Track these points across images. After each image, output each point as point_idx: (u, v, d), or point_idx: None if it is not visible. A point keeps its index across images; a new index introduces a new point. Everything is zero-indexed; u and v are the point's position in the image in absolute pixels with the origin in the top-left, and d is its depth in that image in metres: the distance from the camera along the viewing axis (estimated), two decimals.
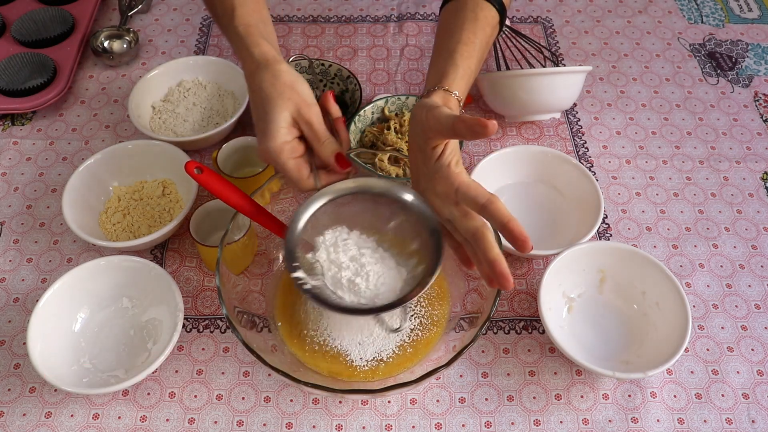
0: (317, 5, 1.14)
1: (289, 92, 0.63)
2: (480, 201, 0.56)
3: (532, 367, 0.73)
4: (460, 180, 0.58)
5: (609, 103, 1.00)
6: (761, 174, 0.92)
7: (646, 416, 0.70)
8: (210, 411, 0.70)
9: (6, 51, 0.99)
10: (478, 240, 0.57)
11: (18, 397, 0.71)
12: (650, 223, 0.86)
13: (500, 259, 0.56)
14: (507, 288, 0.56)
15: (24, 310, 0.77)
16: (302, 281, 0.61)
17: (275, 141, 0.62)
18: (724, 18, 1.13)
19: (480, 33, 0.69)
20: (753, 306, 0.79)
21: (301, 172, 0.64)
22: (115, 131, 0.95)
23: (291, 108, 0.63)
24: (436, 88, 0.64)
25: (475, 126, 0.54)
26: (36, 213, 0.86)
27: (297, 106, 0.63)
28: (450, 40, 0.68)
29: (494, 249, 0.56)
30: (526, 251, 0.54)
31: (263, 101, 0.64)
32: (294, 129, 0.64)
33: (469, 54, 0.67)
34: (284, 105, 0.63)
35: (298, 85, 0.64)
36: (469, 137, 0.55)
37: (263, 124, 0.63)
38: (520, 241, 0.54)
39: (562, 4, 1.15)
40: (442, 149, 0.59)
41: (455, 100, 0.64)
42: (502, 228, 0.54)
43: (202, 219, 0.77)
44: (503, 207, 0.55)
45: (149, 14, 1.12)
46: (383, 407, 0.70)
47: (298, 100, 0.63)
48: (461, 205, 0.58)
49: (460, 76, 0.65)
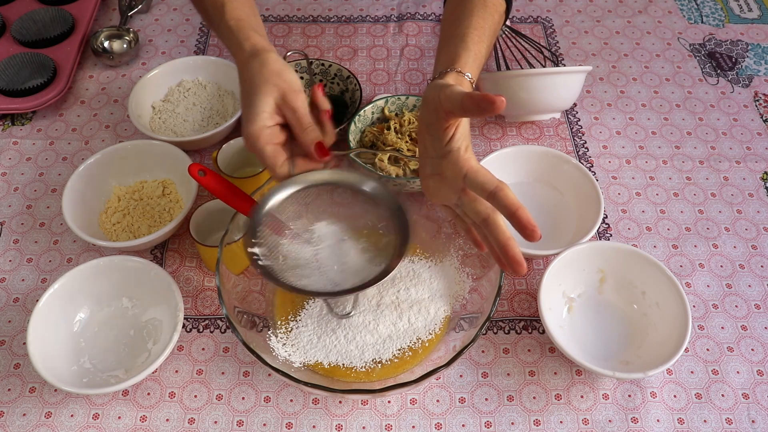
0: (317, 5, 1.14)
1: (276, 79, 0.62)
2: (488, 188, 0.55)
3: (532, 367, 0.73)
4: (469, 165, 0.58)
5: (609, 103, 1.00)
6: (761, 174, 0.92)
7: (646, 416, 0.70)
8: (210, 411, 0.70)
9: (6, 51, 0.99)
10: (489, 225, 0.57)
11: (18, 397, 0.71)
12: (650, 223, 0.86)
13: (512, 243, 0.55)
14: (520, 273, 0.56)
15: (24, 310, 0.77)
16: (257, 257, 0.60)
17: (255, 125, 0.61)
18: (724, 18, 1.13)
19: (489, 19, 0.69)
20: (753, 306, 0.79)
21: (276, 158, 0.63)
22: (115, 131, 0.95)
23: (275, 94, 0.62)
24: (449, 70, 0.63)
25: (482, 101, 0.53)
26: (36, 213, 0.86)
27: (282, 92, 0.62)
28: (460, 25, 0.68)
29: (505, 233, 0.56)
30: (534, 240, 0.54)
31: (250, 89, 0.63)
32: (277, 116, 0.63)
33: (480, 38, 0.67)
34: (269, 91, 0.62)
35: (285, 73, 0.63)
36: (477, 114, 0.54)
37: (246, 110, 0.63)
38: (528, 229, 0.53)
39: (562, 4, 1.15)
40: (453, 132, 0.59)
41: (468, 81, 0.63)
42: (511, 216, 0.54)
43: (202, 219, 0.77)
44: (512, 195, 0.54)
45: (149, 14, 1.12)
46: (383, 407, 0.70)
47: (284, 86, 0.62)
48: (469, 191, 0.58)
49: (472, 59, 0.65)
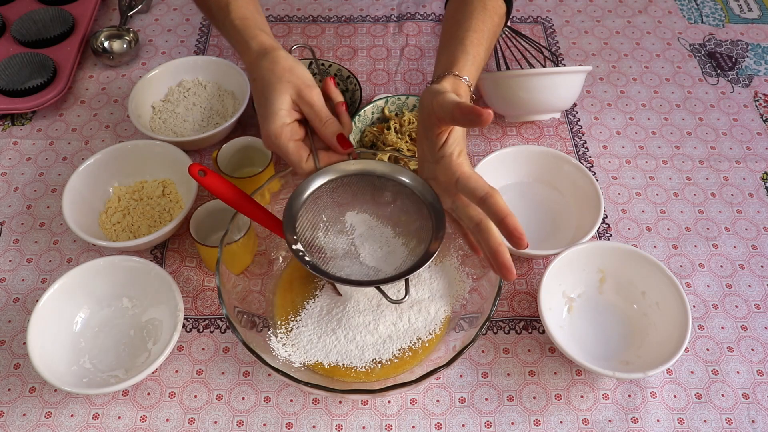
0: (317, 5, 1.14)
1: (289, 75, 0.63)
2: (478, 194, 0.56)
3: (532, 367, 0.73)
4: (461, 171, 0.58)
5: (609, 103, 1.00)
6: (761, 174, 0.92)
7: (646, 416, 0.70)
8: (210, 411, 0.70)
9: (6, 51, 0.99)
10: (481, 230, 0.57)
11: (18, 397, 0.71)
12: (650, 223, 0.86)
13: (502, 249, 0.56)
14: (509, 279, 0.56)
15: (24, 310, 0.77)
16: (302, 253, 0.61)
17: (275, 123, 0.62)
18: (724, 18, 1.13)
19: (488, 21, 0.69)
20: (753, 306, 0.79)
21: (300, 154, 0.64)
22: (115, 131, 0.95)
23: (290, 91, 0.63)
24: (446, 74, 0.64)
25: (470, 114, 0.54)
26: (36, 213, 0.86)
27: (297, 88, 0.63)
28: (459, 28, 0.68)
29: (496, 238, 0.56)
30: (521, 248, 0.54)
31: (264, 88, 0.64)
32: (294, 112, 0.64)
33: (479, 41, 0.67)
34: (283, 88, 0.63)
35: (297, 69, 0.64)
36: (466, 125, 0.55)
37: (263, 109, 0.64)
38: (515, 237, 0.54)
39: (562, 4, 1.15)
40: (446, 138, 0.59)
41: (465, 85, 0.64)
42: (499, 223, 0.54)
43: (202, 219, 0.77)
44: (501, 201, 0.55)
45: (149, 14, 1.12)
46: (383, 407, 0.70)
47: (297, 82, 0.63)
48: (461, 196, 0.59)
49: (470, 62, 0.65)
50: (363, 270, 0.63)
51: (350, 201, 0.66)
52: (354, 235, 0.66)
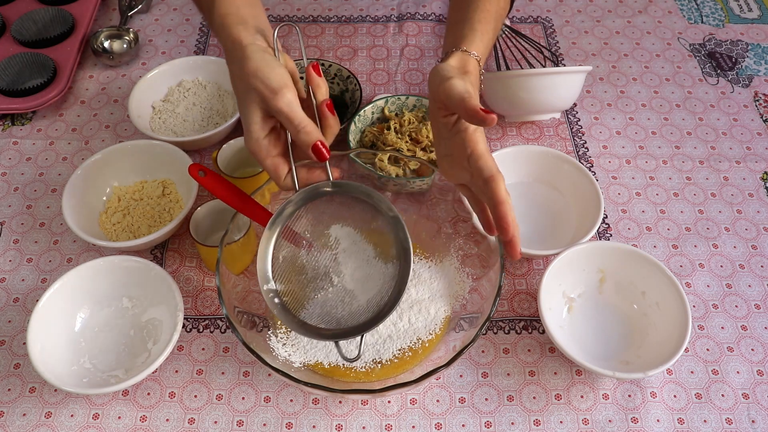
0: (317, 5, 1.14)
1: (253, 81, 0.57)
2: (484, 175, 0.56)
3: (532, 367, 0.73)
4: (473, 148, 0.58)
5: (609, 103, 1.00)
6: (761, 174, 0.92)
7: (646, 416, 0.70)
8: (210, 411, 0.70)
9: (6, 51, 0.99)
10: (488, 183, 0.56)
11: (18, 397, 0.71)
12: (650, 223, 0.86)
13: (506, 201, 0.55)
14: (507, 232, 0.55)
15: (24, 310, 0.77)
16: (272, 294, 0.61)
17: (249, 140, 0.59)
18: (724, 18, 1.13)
19: (494, 3, 0.69)
20: (753, 306, 0.79)
21: (277, 172, 0.60)
22: (115, 131, 0.95)
23: (257, 100, 0.57)
24: (454, 50, 0.63)
25: (474, 116, 0.54)
26: (36, 213, 0.86)
27: (262, 96, 0.57)
28: (467, 9, 0.68)
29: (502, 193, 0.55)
30: (506, 237, 0.54)
31: (237, 98, 0.61)
32: (269, 121, 0.59)
33: (486, 20, 0.67)
34: (251, 98, 0.57)
35: (261, 71, 0.56)
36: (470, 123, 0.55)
37: (242, 121, 0.60)
38: (504, 222, 0.53)
39: (562, 4, 1.15)
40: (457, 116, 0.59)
41: (474, 60, 0.63)
42: (493, 207, 0.54)
43: (202, 219, 0.77)
44: (502, 188, 0.55)
45: (149, 14, 1.12)
46: (383, 407, 0.70)
47: (261, 88, 0.56)
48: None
49: (478, 38, 0.65)
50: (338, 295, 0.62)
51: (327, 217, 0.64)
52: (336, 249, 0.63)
